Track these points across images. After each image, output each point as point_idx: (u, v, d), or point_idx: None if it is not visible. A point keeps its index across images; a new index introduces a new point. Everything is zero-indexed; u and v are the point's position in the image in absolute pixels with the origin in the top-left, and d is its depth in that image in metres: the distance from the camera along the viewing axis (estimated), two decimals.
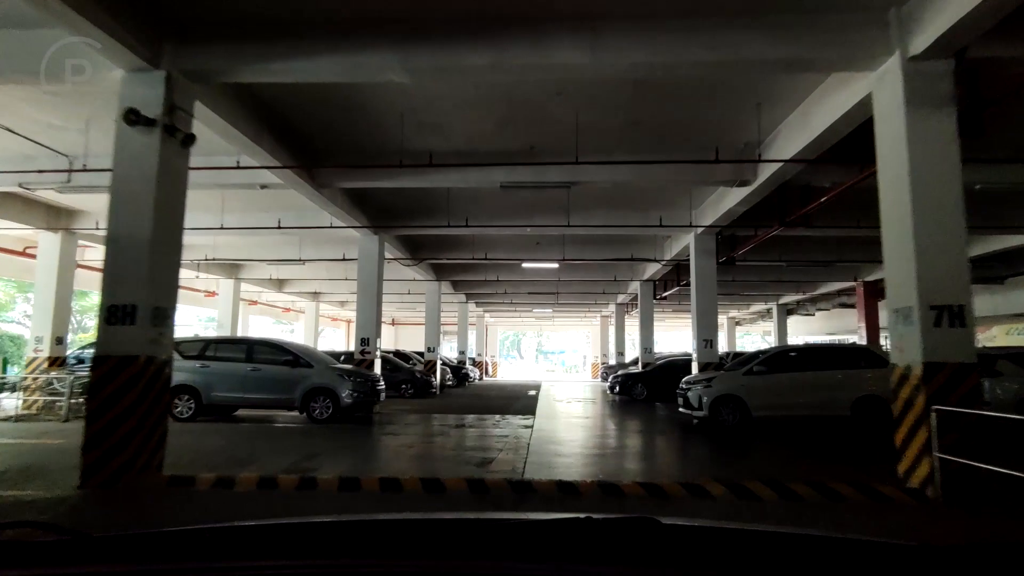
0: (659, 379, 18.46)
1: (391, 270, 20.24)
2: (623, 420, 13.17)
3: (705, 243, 13.34)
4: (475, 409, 15.22)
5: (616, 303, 28.40)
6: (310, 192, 10.33)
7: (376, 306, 13.68)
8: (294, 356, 11.48)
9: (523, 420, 12.44)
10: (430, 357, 21.17)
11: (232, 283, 21.52)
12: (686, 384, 11.68)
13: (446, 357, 27.89)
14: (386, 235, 14.12)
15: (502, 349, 62.06)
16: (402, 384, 18.99)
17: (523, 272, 20.23)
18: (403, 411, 14.26)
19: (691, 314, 13.55)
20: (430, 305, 21.48)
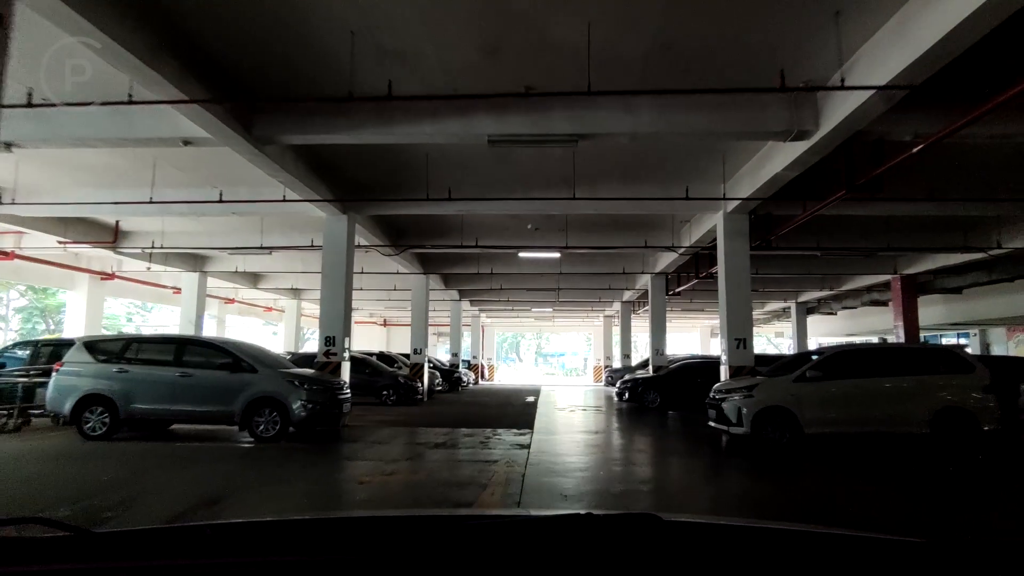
0: (674, 385, 16.30)
1: (373, 261, 18.07)
2: (639, 436, 10.97)
3: (736, 224, 11.16)
4: (464, 420, 13.02)
5: (622, 301, 26.20)
6: (250, 152, 8.15)
7: (344, 299, 11.49)
8: (234, 358, 9.28)
9: (518, 436, 10.25)
10: (416, 360, 18.98)
11: (196, 277, 19.32)
12: (719, 393, 9.48)
13: (437, 360, 25.68)
14: (358, 215, 11.94)
15: (500, 352, 60.04)
16: (383, 390, 16.80)
17: (520, 264, 18.03)
18: (379, 424, 12.06)
19: (721, 309, 11.37)
20: (417, 301, 19.29)
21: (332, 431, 10.53)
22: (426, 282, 19.22)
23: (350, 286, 11.88)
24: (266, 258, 18.39)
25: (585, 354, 56.62)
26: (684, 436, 10.69)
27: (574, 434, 10.85)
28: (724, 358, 11.16)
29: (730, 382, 9.80)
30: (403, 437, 10.09)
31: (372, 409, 15.31)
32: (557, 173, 10.46)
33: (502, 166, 10.45)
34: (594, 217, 13.80)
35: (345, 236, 11.57)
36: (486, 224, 14.30)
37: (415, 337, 19.24)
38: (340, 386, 9.99)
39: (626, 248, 15.02)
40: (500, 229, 14.66)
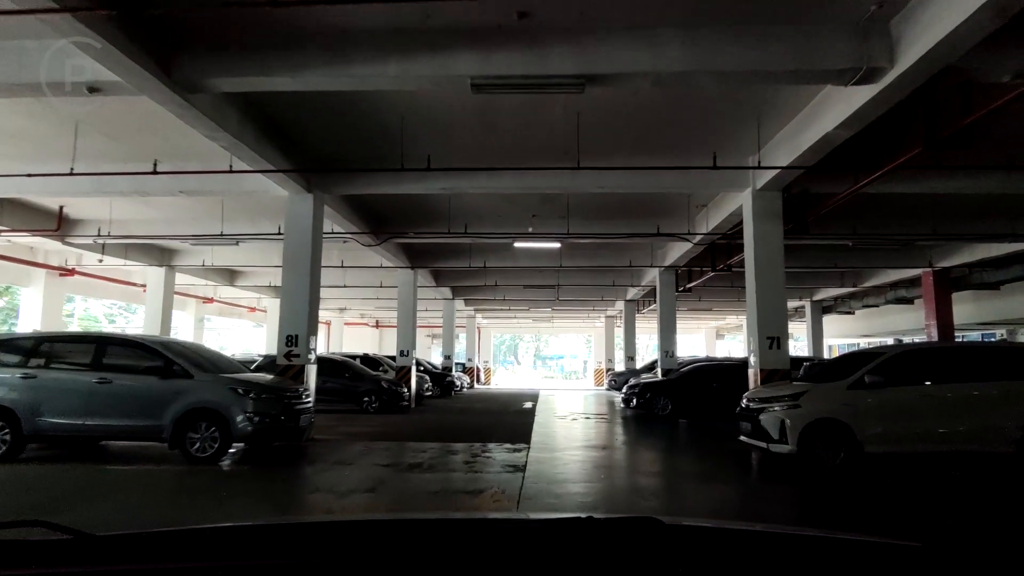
0: (686, 390, 14.66)
1: (355, 254, 16.44)
2: (655, 454, 9.32)
3: (767, 203, 9.53)
4: (452, 432, 11.38)
5: (625, 300, 24.55)
6: (175, 103, 6.49)
7: (309, 291, 9.84)
8: (164, 360, 7.61)
9: (512, 453, 8.60)
10: (403, 363, 17.30)
11: (163, 272, 17.66)
12: (754, 402, 7.83)
13: (428, 363, 24.02)
14: (326, 195, 10.28)
15: (497, 354, 58.41)
16: (364, 397, 15.13)
17: (516, 256, 16.38)
18: (351, 437, 10.41)
19: (749, 304, 9.73)
20: (404, 299, 17.63)
21: (293, 447, 8.89)
22: (413, 277, 17.57)
23: (317, 277, 10.23)
24: (238, 252, 16.78)
25: (585, 357, 55.06)
26: (710, 454, 9.03)
27: (577, 450, 9.20)
28: (753, 360, 9.52)
29: (766, 389, 8.15)
30: (374, 455, 8.43)
31: (350, 418, 13.65)
32: (556, 143, 8.83)
33: (491, 134, 8.82)
34: (599, 200, 12.18)
35: (311, 218, 9.92)
36: (476, 209, 12.66)
37: (402, 338, 17.58)
38: (298, 394, 8.32)
39: (634, 237, 13.37)
40: (493, 216, 13.01)
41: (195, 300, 25.28)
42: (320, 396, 15.17)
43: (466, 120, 8.38)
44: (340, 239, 13.53)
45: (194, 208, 12.98)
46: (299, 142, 9.08)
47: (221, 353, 10.11)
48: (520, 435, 10.54)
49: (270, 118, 8.26)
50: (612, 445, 10.08)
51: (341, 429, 11.51)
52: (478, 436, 10.59)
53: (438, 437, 10.44)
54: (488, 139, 8.97)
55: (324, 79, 6.18)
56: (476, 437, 10.41)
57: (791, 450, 7.08)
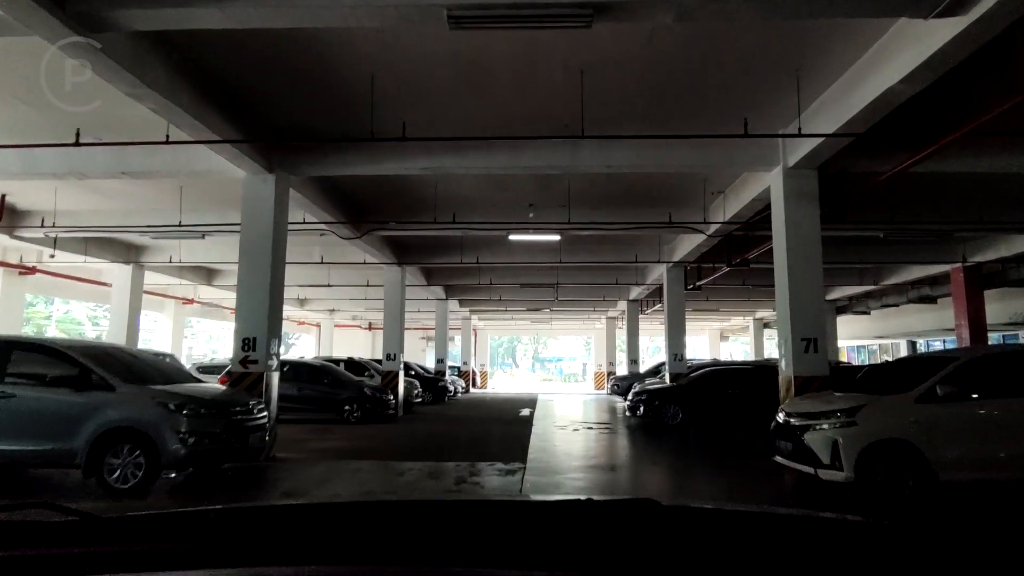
0: (699, 397, 13.34)
1: (337, 250, 15.11)
2: (675, 478, 7.98)
3: (801, 183, 8.21)
4: (438, 447, 10.08)
5: (628, 299, 23.22)
6: (81, 48, 5.17)
7: (270, 287, 8.49)
8: (80, 369, 6.26)
9: (505, 477, 7.26)
10: (390, 367, 15.93)
11: (130, 270, 16.29)
12: (796, 417, 6.47)
13: (420, 367, 22.66)
14: (292, 176, 8.93)
15: (495, 357, 57.18)
16: (345, 405, 13.77)
17: (511, 251, 15.05)
18: (319, 455, 9.08)
19: (779, 298, 8.41)
20: (391, 298, 16.27)
21: (249, 469, 7.55)
22: (401, 275, 16.21)
23: (279, 272, 8.89)
24: (211, 248, 15.39)
25: (584, 359, 53.73)
26: (742, 479, 7.65)
27: (580, 472, 7.86)
28: (784, 365, 8.20)
29: (809, 401, 6.81)
30: (338, 481, 7.09)
31: (326, 431, 12.30)
32: (557, 113, 7.51)
33: (480, 102, 7.50)
34: (603, 187, 10.88)
35: (271, 202, 8.58)
36: (466, 196, 11.33)
37: (388, 340, 16.22)
38: (248, 409, 6.96)
39: (642, 227, 12.03)
40: (484, 205, 11.68)
41: (173, 301, 23.88)
42: (296, 405, 13.88)
43: (450, 82, 7.06)
44: (316, 231, 12.20)
45: (153, 197, 11.64)
46: (253, 110, 7.73)
47: (163, 359, 8.76)
48: (515, 451, 9.20)
49: (213, 78, 6.92)
50: (621, 465, 8.74)
51: (312, 444, 10.16)
52: (468, 453, 9.26)
53: (421, 455, 9.11)
54: (477, 108, 7.65)
55: (261, 11, 4.84)
56: (465, 454, 9.08)
57: (847, 477, 5.74)
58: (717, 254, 13.96)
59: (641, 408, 13.60)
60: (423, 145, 8.38)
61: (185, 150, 8.08)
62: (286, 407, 13.72)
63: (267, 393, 8.29)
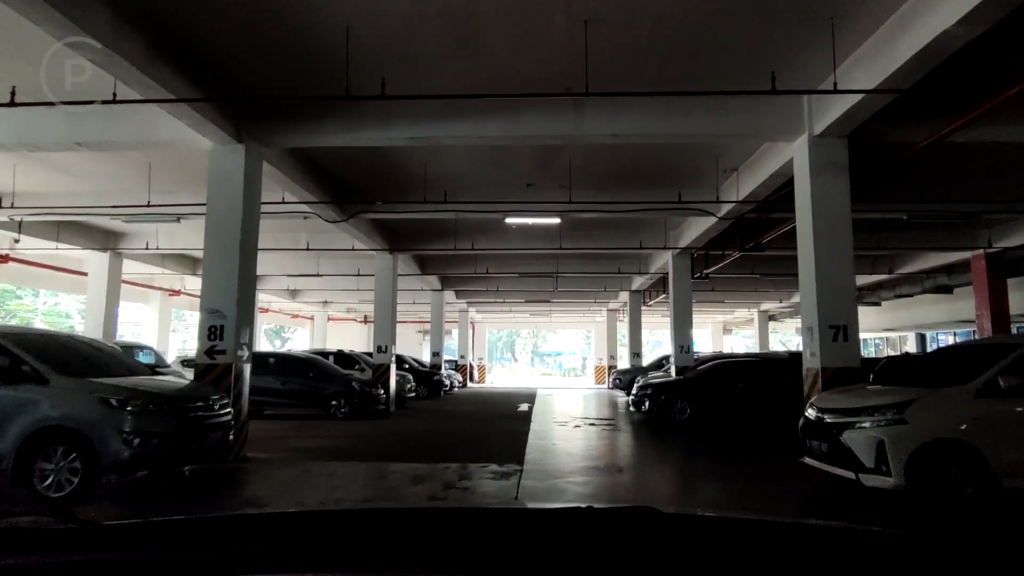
0: (708, 391, 12.55)
1: (324, 236, 14.32)
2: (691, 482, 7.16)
3: (829, 153, 7.36)
4: (427, 447, 9.29)
5: (631, 290, 22.39)
6: None
7: (239, 268, 7.65)
8: (10, 359, 5.43)
9: (499, 481, 6.45)
10: (381, 360, 15.11)
11: (107, 258, 15.44)
12: (832, 414, 5.65)
13: (414, 360, 21.86)
14: (263, 147, 8.07)
15: (494, 351, 56.45)
16: (332, 400, 12.97)
17: (507, 237, 14.24)
18: (298, 453, 8.29)
19: (803, 281, 7.60)
20: (381, 288, 15.44)
21: (213, 472, 6.76)
22: (392, 263, 15.36)
23: (251, 252, 8.07)
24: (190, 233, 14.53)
25: (584, 353, 52.96)
26: (766, 484, 6.81)
27: (583, 475, 7.05)
28: (809, 356, 7.38)
29: (844, 395, 5.98)
30: (309, 487, 6.29)
31: (310, 427, 11.52)
32: (557, 74, 6.65)
33: (471, 60, 6.66)
34: (607, 163, 10.08)
35: (241, 176, 7.73)
36: (458, 174, 10.50)
37: (379, 332, 15.39)
38: (207, 404, 6.15)
39: (648, 209, 11.17)
40: (478, 184, 10.84)
41: (159, 292, 23.07)
42: (280, 400, 13.08)
43: (438, 38, 6.22)
44: (299, 214, 11.36)
45: (123, 176, 10.80)
46: (215, 68, 6.86)
47: (116, 349, 7.91)
48: (512, 451, 8.40)
49: (167, 28, 6.06)
50: (628, 466, 7.93)
51: (291, 442, 9.36)
52: (459, 453, 8.47)
53: (408, 455, 8.32)
54: (468, 67, 6.80)
55: None
56: (457, 454, 8.28)
57: (896, 484, 4.93)
58: (727, 240, 13.14)
59: (646, 403, 12.79)
60: (407, 113, 7.55)
61: (146, 116, 7.26)
62: (270, 402, 12.98)
63: (237, 386, 7.48)
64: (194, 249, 16.72)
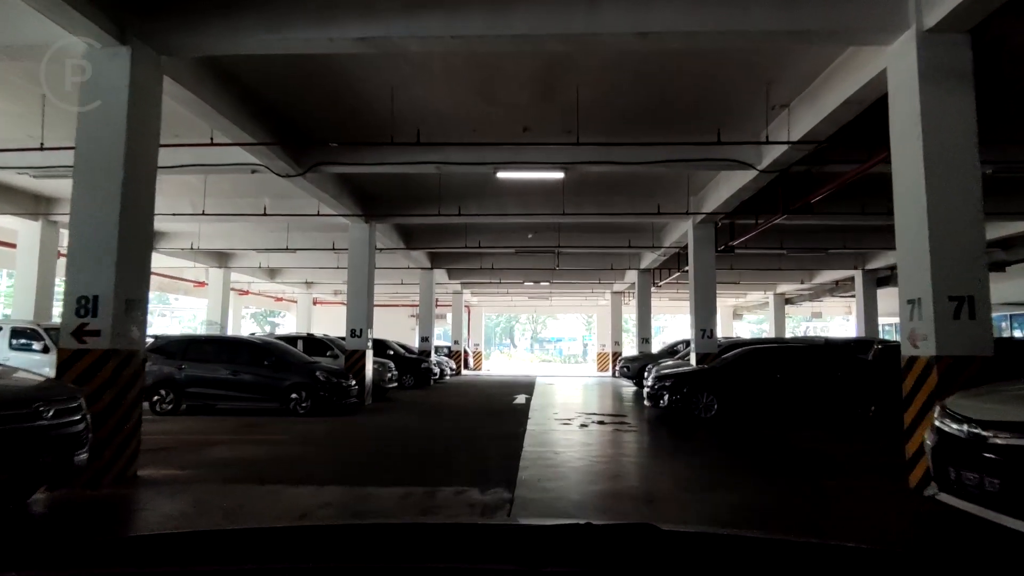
0: (739, 382, 10.54)
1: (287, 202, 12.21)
2: (749, 516, 5.03)
3: (945, 56, 5.22)
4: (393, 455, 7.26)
5: (639, 269, 20.28)
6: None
7: (122, 218, 5.50)
8: None
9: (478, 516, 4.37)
10: (355, 346, 13.01)
11: (38, 227, 13.28)
12: (997, 432, 3.56)
13: (401, 346, 19.78)
14: (161, 53, 5.89)
15: (492, 337, 54.53)
16: (292, 393, 10.90)
17: (500, 198, 12.11)
18: (213, 469, 6.20)
19: (899, 236, 5.48)
20: (355, 262, 13.30)
21: (69, 500, 4.69)
22: (369, 234, 13.19)
23: (143, 196, 5.89)
24: None
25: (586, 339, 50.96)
26: (887, 528, 4.72)
27: (602, 511, 4.96)
28: (909, 339, 5.28)
29: (1010, 402, 3.88)
30: (184, 527, 4.21)
31: (257, 427, 9.50)
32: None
33: None
34: (626, 93, 7.95)
35: (125, 88, 5.52)
36: (436, 109, 8.36)
37: (353, 314, 13.27)
38: (47, 410, 4.05)
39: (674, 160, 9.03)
40: (463, 123, 8.69)
41: None
42: (231, 392, 11.00)
43: None
44: (242, 166, 9.24)
45: None
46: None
47: None
48: (501, 465, 6.33)
49: None
50: (662, 494, 5.79)
51: (215, 452, 7.28)
52: (432, 466, 6.41)
53: (361, 471, 6.24)
54: None
55: None
56: (428, 470, 6.23)
57: None
58: (758, 204, 11.04)
59: (665, 397, 10.70)
60: (356, 3, 5.42)
61: None
62: (219, 394, 10.91)
63: (117, 380, 5.38)
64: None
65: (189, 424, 9.74)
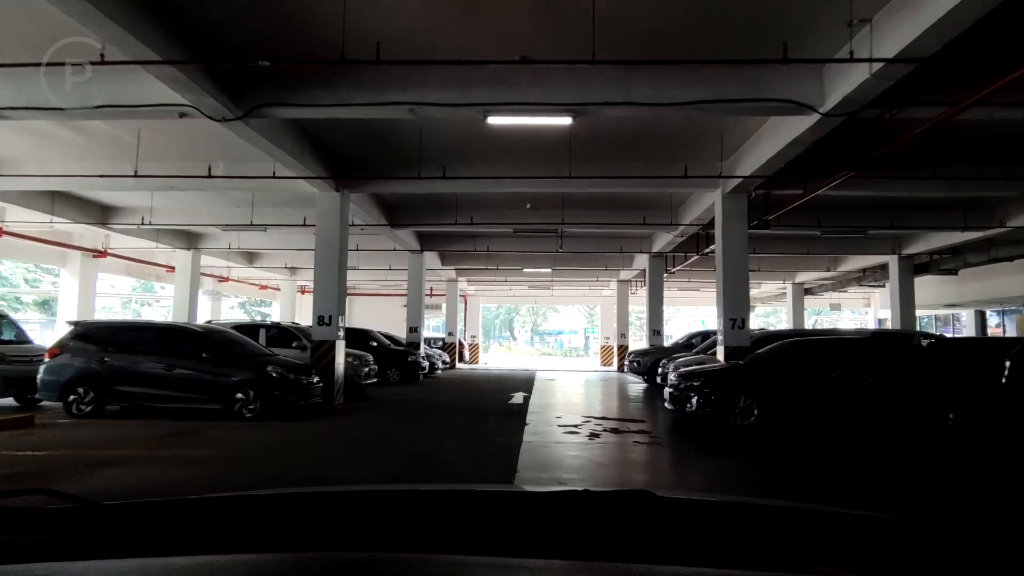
0: (784, 382, 8.64)
1: (240, 160, 10.27)
2: None
3: None
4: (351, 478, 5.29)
5: (651, 253, 18.29)
6: None
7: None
8: None
9: None
10: (323, 336, 11.04)
11: None
12: None
13: (384, 336, 17.83)
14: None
15: (491, 329, 52.72)
16: (237, 392, 8.96)
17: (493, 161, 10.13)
18: (108, 494, 4.20)
19: None
20: (325, 237, 11.24)
21: None
22: (340, 204, 11.16)
23: None
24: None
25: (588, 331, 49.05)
26: None
27: None
28: None
29: None
30: None
31: (189, 434, 7.62)
32: None
33: None
34: (655, 9, 5.93)
35: None
36: (406, 26, 6.37)
37: (321, 298, 11.25)
38: None
39: (717, 101, 7.04)
40: (442, 45, 6.70)
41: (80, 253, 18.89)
42: (165, 391, 9.09)
43: None
44: (171, 108, 7.27)
45: None
46: None
47: None
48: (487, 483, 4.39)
49: None
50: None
51: (105, 477, 5.40)
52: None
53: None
54: None
55: None
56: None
57: None
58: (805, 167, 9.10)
59: (694, 399, 8.75)
60: None
61: None
62: (149, 393, 8.99)
63: None
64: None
65: (104, 431, 7.84)
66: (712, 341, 14.11)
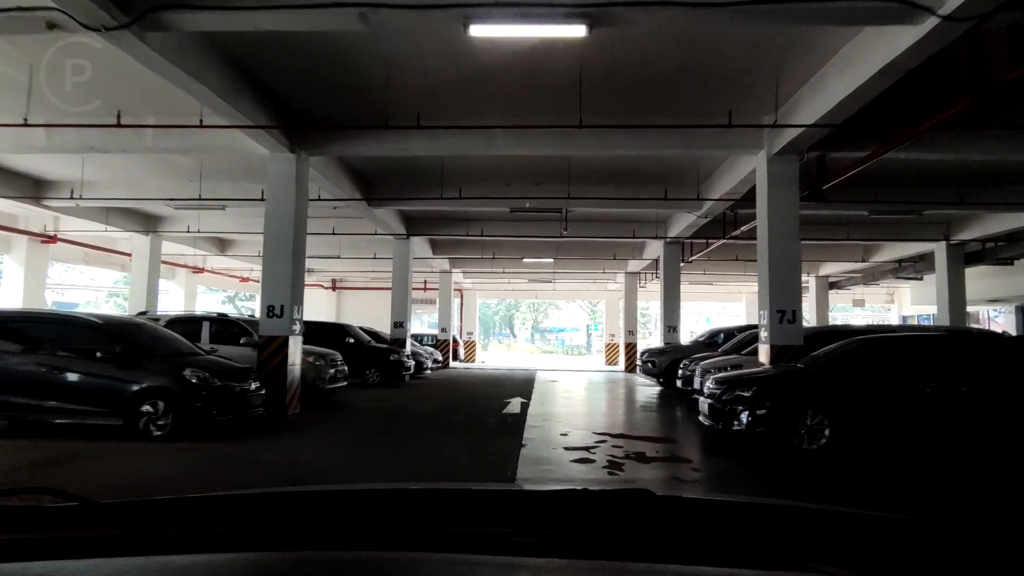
0: (863, 392, 6.48)
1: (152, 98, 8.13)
2: None
3: None
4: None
5: (666, 239, 16.14)
6: None
7: None
8: None
9: None
10: (273, 330, 8.93)
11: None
12: None
13: (364, 332, 15.69)
14: None
15: (490, 326, 50.70)
16: (145, 402, 6.83)
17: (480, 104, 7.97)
18: None
19: None
20: (277, 209, 9.04)
21: None
22: (297, 169, 9.00)
23: None
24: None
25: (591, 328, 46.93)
26: None
27: None
28: None
29: None
30: None
31: (78, 459, 5.57)
32: None
33: None
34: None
35: None
36: None
37: (271, 286, 9.10)
38: None
39: None
40: None
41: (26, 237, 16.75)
42: (51, 402, 6.85)
43: None
44: (32, 13, 5.15)
45: None
46: None
47: None
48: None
49: None
50: None
51: None
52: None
53: None
54: None
55: None
56: None
57: None
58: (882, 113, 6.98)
59: (743, 415, 6.61)
60: None
61: None
62: (27, 405, 6.83)
63: None
64: None
65: None
66: (743, 339, 12.00)
